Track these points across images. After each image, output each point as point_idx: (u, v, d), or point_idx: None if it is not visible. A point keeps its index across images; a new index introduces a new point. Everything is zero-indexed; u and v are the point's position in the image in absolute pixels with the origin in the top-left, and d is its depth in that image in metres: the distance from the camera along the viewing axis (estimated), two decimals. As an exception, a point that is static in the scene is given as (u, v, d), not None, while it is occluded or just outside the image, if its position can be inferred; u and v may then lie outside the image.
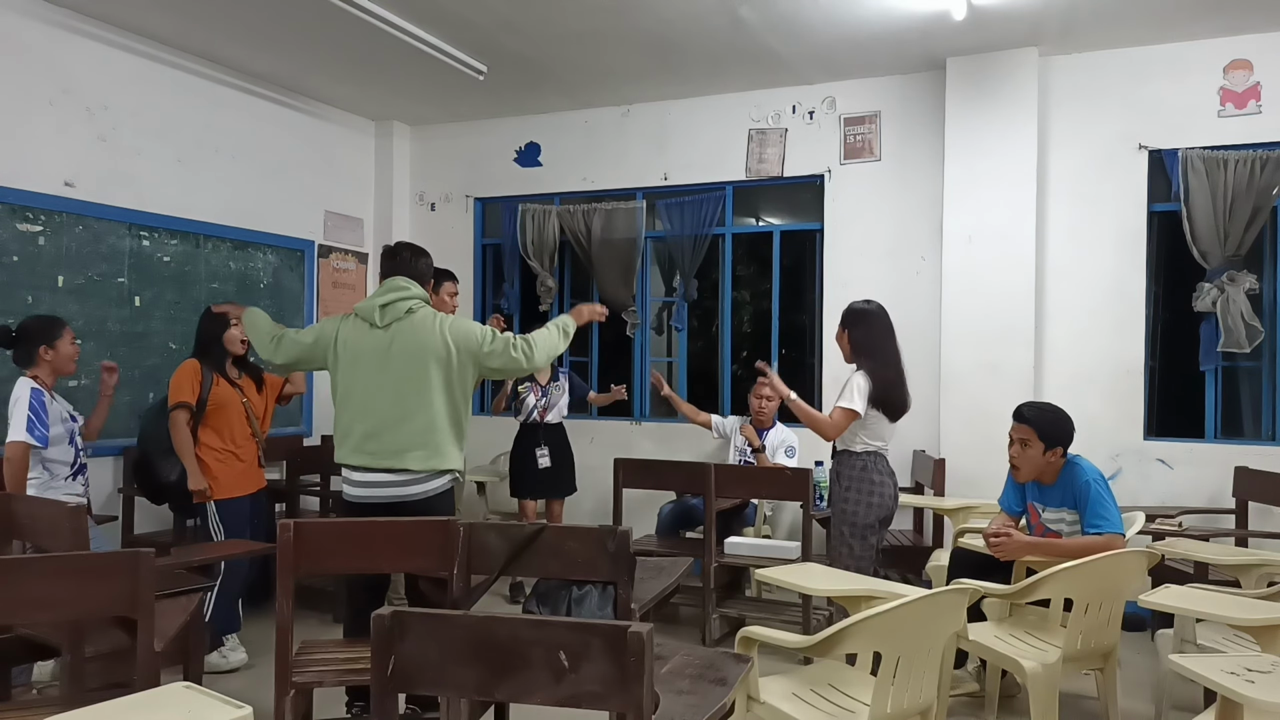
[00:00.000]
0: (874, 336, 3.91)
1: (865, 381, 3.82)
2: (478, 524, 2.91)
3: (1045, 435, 3.58)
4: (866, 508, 3.83)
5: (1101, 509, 3.50)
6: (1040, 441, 3.57)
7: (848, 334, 3.94)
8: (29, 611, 2.47)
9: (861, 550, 3.83)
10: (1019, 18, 4.90)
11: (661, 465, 5.10)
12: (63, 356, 3.95)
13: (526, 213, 6.70)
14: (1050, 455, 3.59)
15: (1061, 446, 3.59)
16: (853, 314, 3.97)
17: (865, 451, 3.87)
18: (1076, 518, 3.57)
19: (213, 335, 4.41)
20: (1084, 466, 3.59)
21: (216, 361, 4.37)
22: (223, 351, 4.39)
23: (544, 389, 5.49)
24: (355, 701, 3.43)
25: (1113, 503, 3.54)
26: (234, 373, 4.46)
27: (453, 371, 3.38)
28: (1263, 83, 5.08)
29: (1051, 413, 3.64)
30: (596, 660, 1.61)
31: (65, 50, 4.87)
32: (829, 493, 4.10)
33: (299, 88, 6.21)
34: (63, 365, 3.97)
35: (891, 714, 2.51)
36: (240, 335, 4.38)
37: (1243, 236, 5.08)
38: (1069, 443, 3.62)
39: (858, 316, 3.95)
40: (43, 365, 3.89)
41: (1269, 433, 5.25)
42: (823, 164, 6.02)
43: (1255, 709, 2.08)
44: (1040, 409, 3.67)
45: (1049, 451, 3.58)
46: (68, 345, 3.97)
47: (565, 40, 5.29)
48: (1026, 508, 3.82)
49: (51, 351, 3.90)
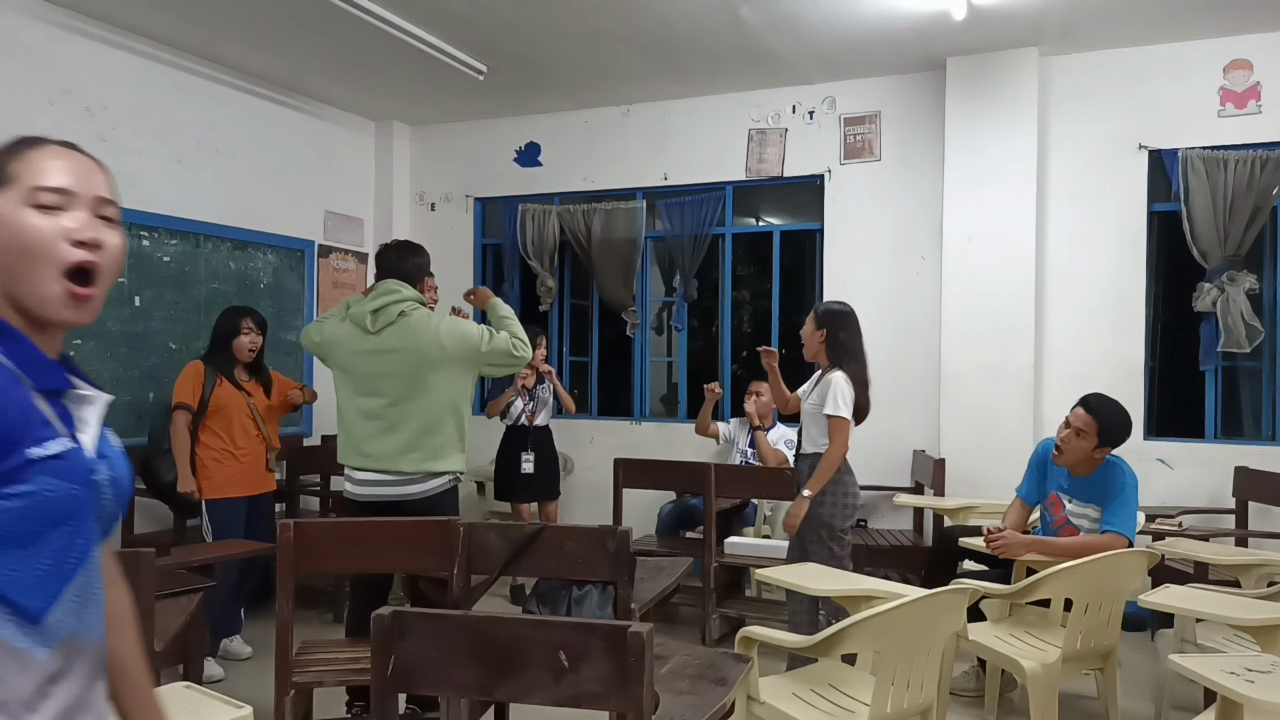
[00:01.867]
0: (854, 338, 3.89)
1: (849, 386, 3.79)
2: (478, 524, 2.91)
3: (1104, 433, 3.59)
4: (843, 509, 3.83)
5: (1123, 510, 3.52)
6: (1096, 437, 3.59)
7: (826, 334, 3.87)
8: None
9: (841, 551, 3.83)
10: (1019, 18, 4.90)
11: (661, 465, 5.10)
12: None
13: (526, 213, 6.70)
14: (1098, 452, 3.62)
15: (1111, 446, 3.62)
16: (835, 315, 3.91)
17: None
18: (1100, 515, 3.58)
19: (222, 340, 4.41)
20: (1125, 470, 3.62)
21: (222, 365, 4.38)
22: (229, 358, 4.40)
23: (531, 392, 5.46)
24: (355, 701, 3.43)
25: (1135, 509, 3.56)
26: (243, 376, 4.46)
27: (450, 373, 3.36)
28: (1263, 83, 5.08)
29: (1118, 413, 3.63)
30: (596, 660, 1.61)
31: (65, 50, 4.87)
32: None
33: (299, 88, 6.21)
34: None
35: (891, 714, 2.51)
36: (249, 344, 4.40)
37: (1243, 236, 5.08)
38: (1119, 444, 3.64)
39: (841, 319, 3.90)
40: None
41: (1269, 433, 5.25)
42: (823, 164, 6.02)
43: (1255, 709, 2.08)
44: (1109, 405, 3.64)
45: (1099, 449, 3.61)
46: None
47: (565, 40, 5.29)
48: (1047, 499, 3.82)
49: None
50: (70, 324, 1.14)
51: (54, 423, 1.10)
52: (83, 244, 1.11)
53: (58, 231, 1.10)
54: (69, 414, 1.14)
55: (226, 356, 4.39)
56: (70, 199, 1.12)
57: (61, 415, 1.12)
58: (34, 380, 1.08)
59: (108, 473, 1.17)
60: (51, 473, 1.06)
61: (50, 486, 1.06)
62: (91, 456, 1.14)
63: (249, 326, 4.43)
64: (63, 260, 1.10)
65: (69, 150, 1.17)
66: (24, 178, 1.11)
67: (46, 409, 1.09)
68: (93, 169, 1.16)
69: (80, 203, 1.13)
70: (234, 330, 4.40)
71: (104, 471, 1.16)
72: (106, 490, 1.16)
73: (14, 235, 1.09)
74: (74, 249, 1.11)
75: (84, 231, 1.12)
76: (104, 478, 1.16)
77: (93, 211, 1.14)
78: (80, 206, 1.13)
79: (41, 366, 1.10)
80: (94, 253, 1.12)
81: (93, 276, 1.13)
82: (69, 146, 1.17)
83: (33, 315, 1.12)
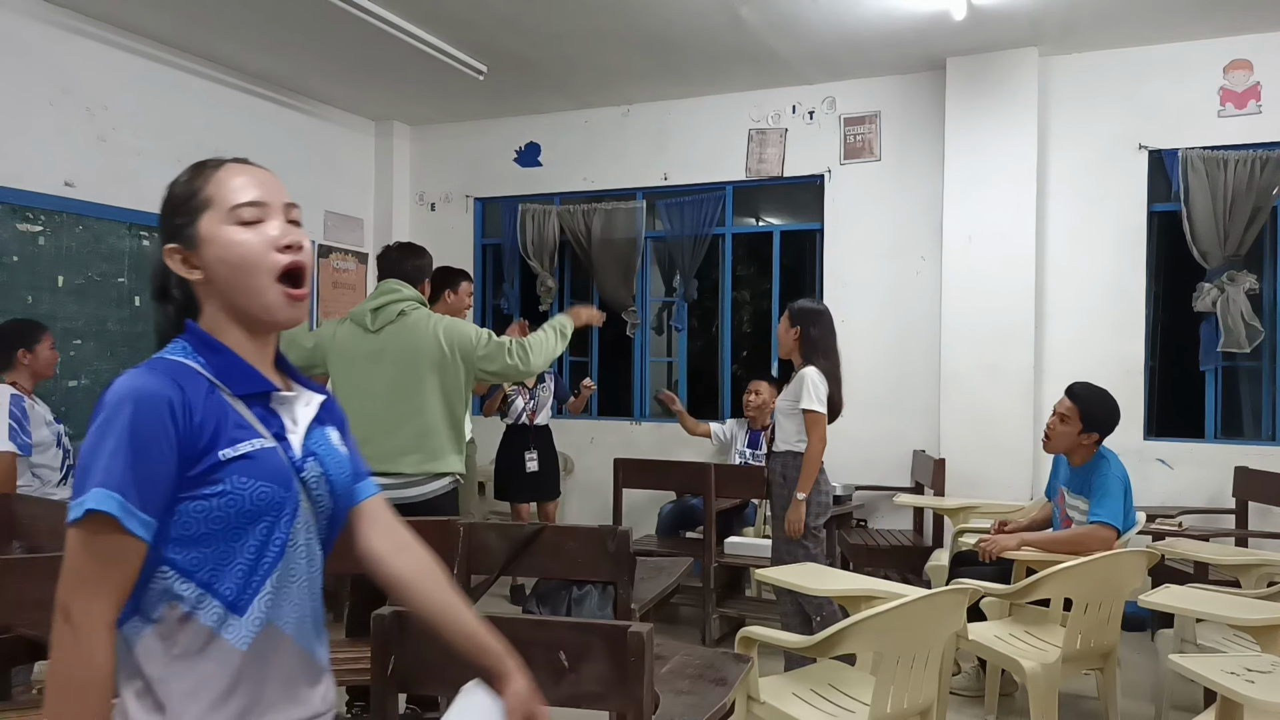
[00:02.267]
0: (826, 335, 3.92)
1: (822, 381, 3.82)
2: (478, 524, 2.91)
3: (1086, 416, 3.65)
4: (817, 506, 3.84)
5: (1105, 500, 3.55)
6: (1079, 421, 3.65)
7: (800, 331, 3.91)
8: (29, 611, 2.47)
9: (815, 549, 3.85)
10: (1019, 18, 4.90)
11: (661, 465, 5.11)
12: (42, 361, 3.89)
13: (526, 213, 6.70)
14: (1084, 438, 3.66)
15: (1099, 433, 3.66)
16: (807, 312, 3.96)
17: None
18: (1088, 507, 3.60)
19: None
20: (1110, 461, 3.65)
21: None
22: None
23: (531, 391, 5.46)
24: (355, 701, 3.43)
25: (1121, 500, 3.57)
26: None
27: (448, 374, 3.34)
28: (1263, 83, 5.08)
29: (1100, 397, 3.70)
30: (596, 660, 1.61)
31: (65, 50, 4.87)
32: (772, 493, 4.04)
33: (299, 88, 6.21)
34: (42, 369, 3.91)
35: (891, 714, 2.51)
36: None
37: (1243, 236, 5.08)
38: (1107, 431, 3.69)
39: (813, 315, 3.94)
40: (20, 370, 3.82)
41: (1269, 433, 5.25)
42: (823, 164, 6.02)
43: (1255, 709, 2.08)
44: (1092, 391, 3.73)
45: (1084, 434, 3.65)
46: (46, 350, 3.90)
47: (565, 40, 5.29)
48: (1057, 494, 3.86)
49: (30, 355, 3.84)
50: (290, 324, 1.24)
51: (253, 424, 1.19)
52: (287, 248, 1.22)
53: (265, 242, 1.21)
54: (274, 416, 1.23)
55: None
56: (265, 209, 1.23)
57: (263, 417, 1.22)
58: (231, 387, 1.19)
59: (317, 469, 1.24)
60: (242, 472, 1.15)
61: (241, 485, 1.15)
62: (295, 454, 1.22)
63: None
64: (275, 267, 1.21)
65: (248, 165, 1.28)
66: (220, 198, 1.22)
67: (245, 413, 1.20)
68: (273, 178, 1.28)
69: (274, 211, 1.24)
70: None
71: (312, 468, 1.24)
72: (316, 486, 1.24)
73: (228, 252, 1.20)
74: (282, 255, 1.21)
75: (286, 238, 1.22)
76: (312, 474, 1.24)
77: (285, 217, 1.25)
78: (275, 215, 1.24)
79: (239, 374, 1.21)
80: (298, 254, 1.23)
81: (302, 277, 1.24)
82: (244, 162, 1.29)
83: (257, 321, 1.23)
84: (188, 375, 1.17)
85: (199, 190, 1.24)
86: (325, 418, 1.30)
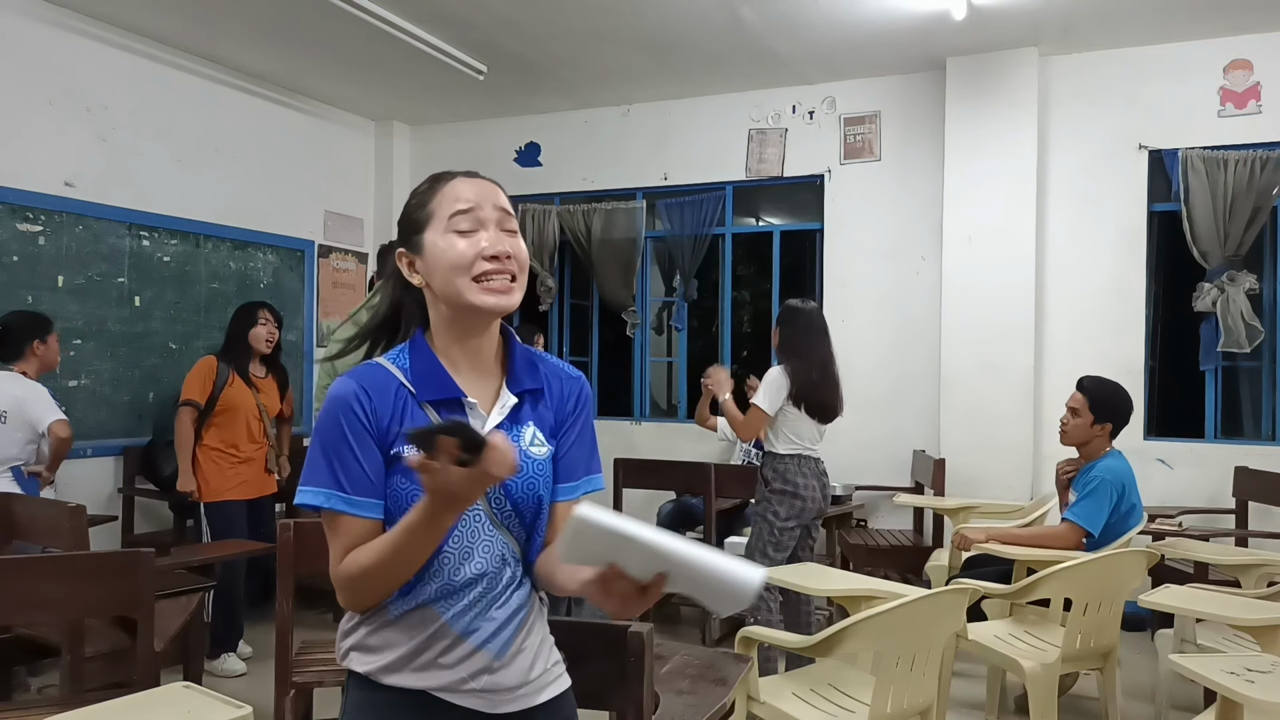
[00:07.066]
0: (799, 335, 3.91)
1: (783, 379, 3.83)
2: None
3: (1095, 406, 3.66)
4: (788, 509, 3.84)
5: (1083, 500, 3.56)
6: (1090, 412, 3.66)
7: (779, 331, 3.96)
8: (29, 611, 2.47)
9: (775, 553, 3.84)
10: (1019, 18, 4.90)
11: (661, 465, 5.10)
12: (52, 351, 4.01)
13: (526, 213, 6.70)
14: (1097, 429, 3.67)
15: (1111, 423, 3.68)
16: (786, 311, 3.99)
17: (789, 454, 3.87)
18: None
19: (238, 331, 4.41)
20: (1111, 464, 3.65)
21: (237, 359, 4.36)
22: (247, 349, 4.39)
23: None
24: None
25: (1105, 505, 3.56)
26: (260, 371, 4.45)
27: None
28: (1263, 83, 5.08)
29: (1109, 387, 3.72)
30: (597, 660, 1.61)
31: (65, 50, 4.87)
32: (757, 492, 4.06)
33: (299, 88, 6.21)
34: (51, 361, 4.03)
35: (891, 714, 2.51)
36: (266, 335, 4.40)
37: (1243, 236, 5.08)
38: (1119, 421, 3.70)
39: (790, 315, 3.96)
40: (31, 360, 3.91)
41: (1269, 433, 5.25)
42: (823, 164, 6.02)
43: (1255, 709, 2.08)
44: (1100, 383, 3.75)
45: (1097, 425, 3.66)
46: (55, 343, 4.04)
47: (565, 40, 5.29)
48: None
49: (43, 346, 3.94)
50: (498, 311, 1.33)
51: None
52: (494, 258, 1.31)
53: (473, 249, 1.31)
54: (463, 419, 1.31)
55: (242, 349, 4.39)
56: (479, 220, 1.33)
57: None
58: (419, 392, 1.31)
59: None
60: (403, 472, 1.27)
61: (401, 484, 1.28)
62: None
63: (266, 317, 4.44)
64: (479, 273, 1.31)
65: (472, 178, 1.37)
66: (441, 210, 1.34)
67: (433, 415, 1.31)
68: (491, 189, 1.36)
69: (487, 222, 1.33)
70: (251, 321, 4.40)
71: None
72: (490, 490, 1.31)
73: (440, 258, 1.32)
74: (487, 263, 1.31)
75: (494, 247, 1.31)
76: None
77: (499, 226, 1.33)
78: (488, 225, 1.33)
79: (431, 381, 1.33)
80: (504, 262, 1.32)
81: (500, 279, 1.33)
82: (471, 175, 1.38)
83: (465, 320, 1.34)
84: (380, 378, 1.32)
85: (427, 201, 1.35)
86: (525, 416, 1.36)
